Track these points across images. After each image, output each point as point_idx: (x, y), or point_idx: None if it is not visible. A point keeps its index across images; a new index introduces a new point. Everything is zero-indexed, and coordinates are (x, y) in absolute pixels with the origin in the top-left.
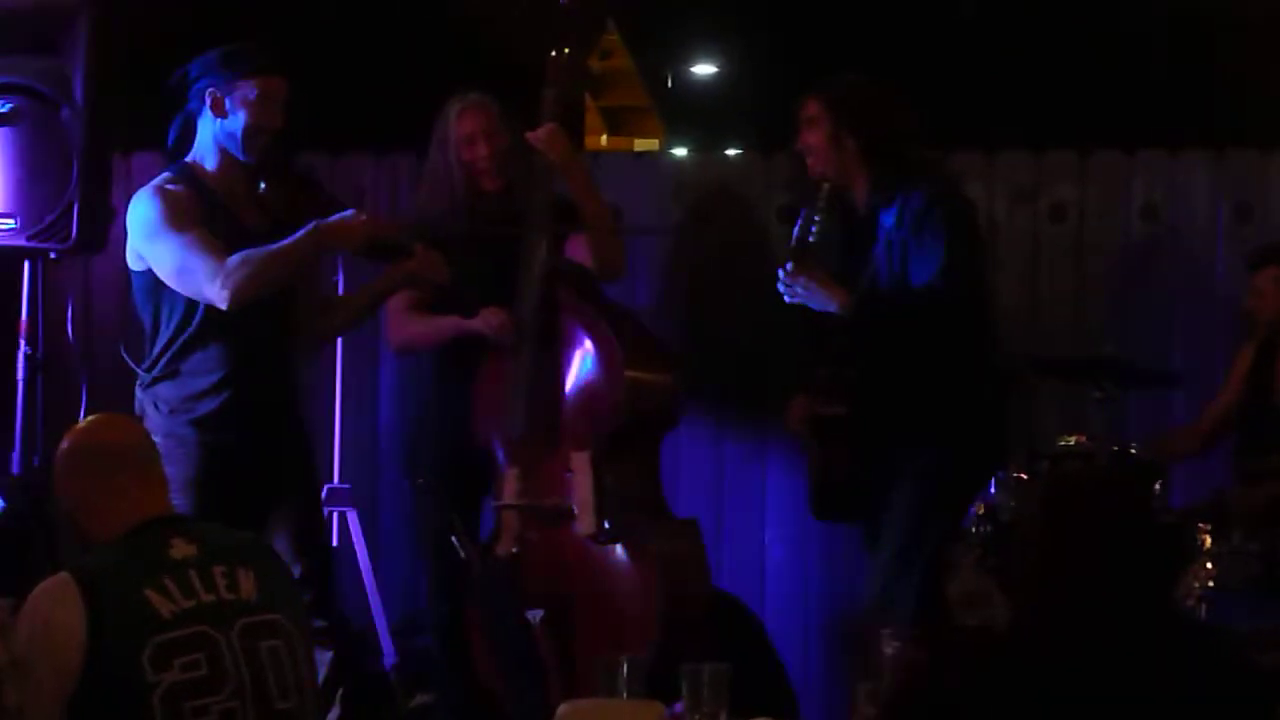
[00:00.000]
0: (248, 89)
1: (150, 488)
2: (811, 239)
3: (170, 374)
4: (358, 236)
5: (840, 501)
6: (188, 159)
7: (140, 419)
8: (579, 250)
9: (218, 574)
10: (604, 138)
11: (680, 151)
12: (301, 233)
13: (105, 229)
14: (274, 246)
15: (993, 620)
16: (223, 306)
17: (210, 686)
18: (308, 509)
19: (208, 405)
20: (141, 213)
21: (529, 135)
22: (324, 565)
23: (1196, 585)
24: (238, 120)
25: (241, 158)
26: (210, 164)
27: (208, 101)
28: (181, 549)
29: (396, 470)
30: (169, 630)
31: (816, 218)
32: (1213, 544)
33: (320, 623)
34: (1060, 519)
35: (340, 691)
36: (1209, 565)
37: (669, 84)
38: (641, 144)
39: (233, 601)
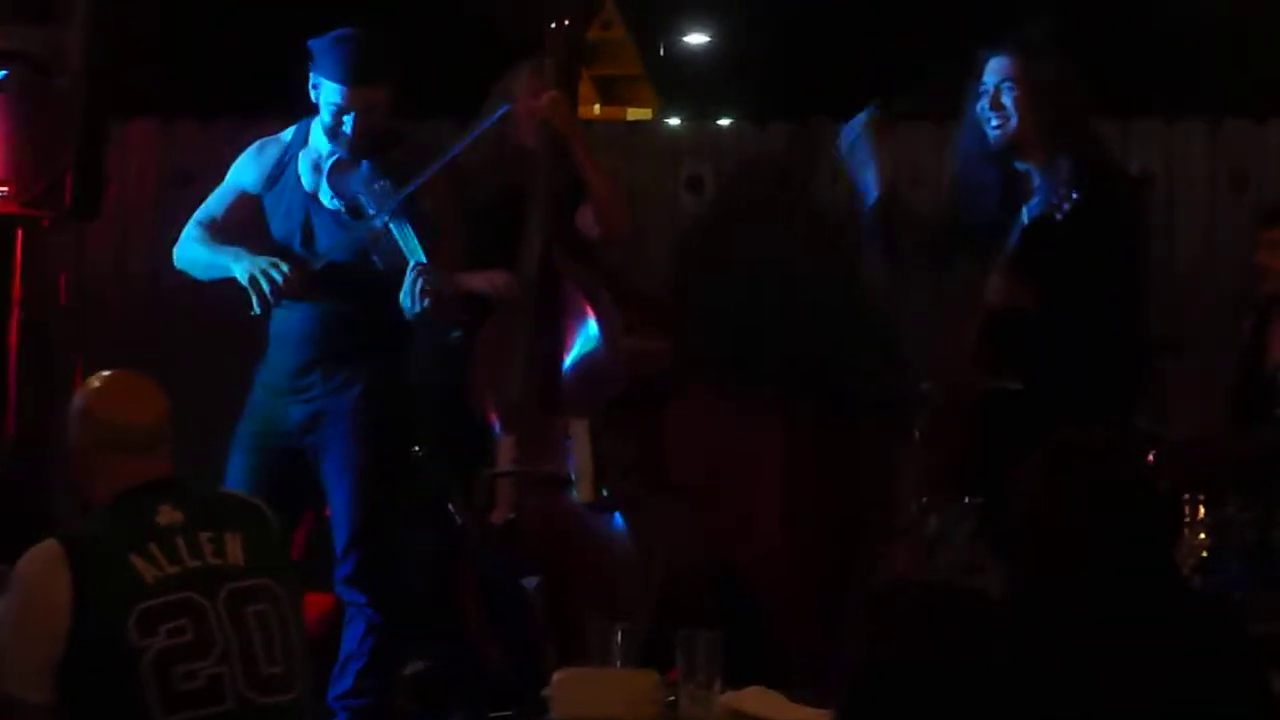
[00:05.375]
0: (331, 92)
1: (154, 454)
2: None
3: None
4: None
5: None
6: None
7: None
8: (588, 218)
9: (204, 540)
10: (596, 107)
11: (674, 121)
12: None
13: (99, 197)
14: (210, 249)
15: (986, 589)
16: None
17: (197, 651)
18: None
19: None
20: None
21: (533, 105)
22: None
23: (1191, 555)
24: (325, 114)
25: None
26: (319, 127)
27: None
28: (169, 515)
29: None
30: (153, 597)
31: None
32: (1207, 513)
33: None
34: (1062, 487)
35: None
36: (1203, 535)
37: (661, 53)
38: (634, 113)
39: (219, 567)
